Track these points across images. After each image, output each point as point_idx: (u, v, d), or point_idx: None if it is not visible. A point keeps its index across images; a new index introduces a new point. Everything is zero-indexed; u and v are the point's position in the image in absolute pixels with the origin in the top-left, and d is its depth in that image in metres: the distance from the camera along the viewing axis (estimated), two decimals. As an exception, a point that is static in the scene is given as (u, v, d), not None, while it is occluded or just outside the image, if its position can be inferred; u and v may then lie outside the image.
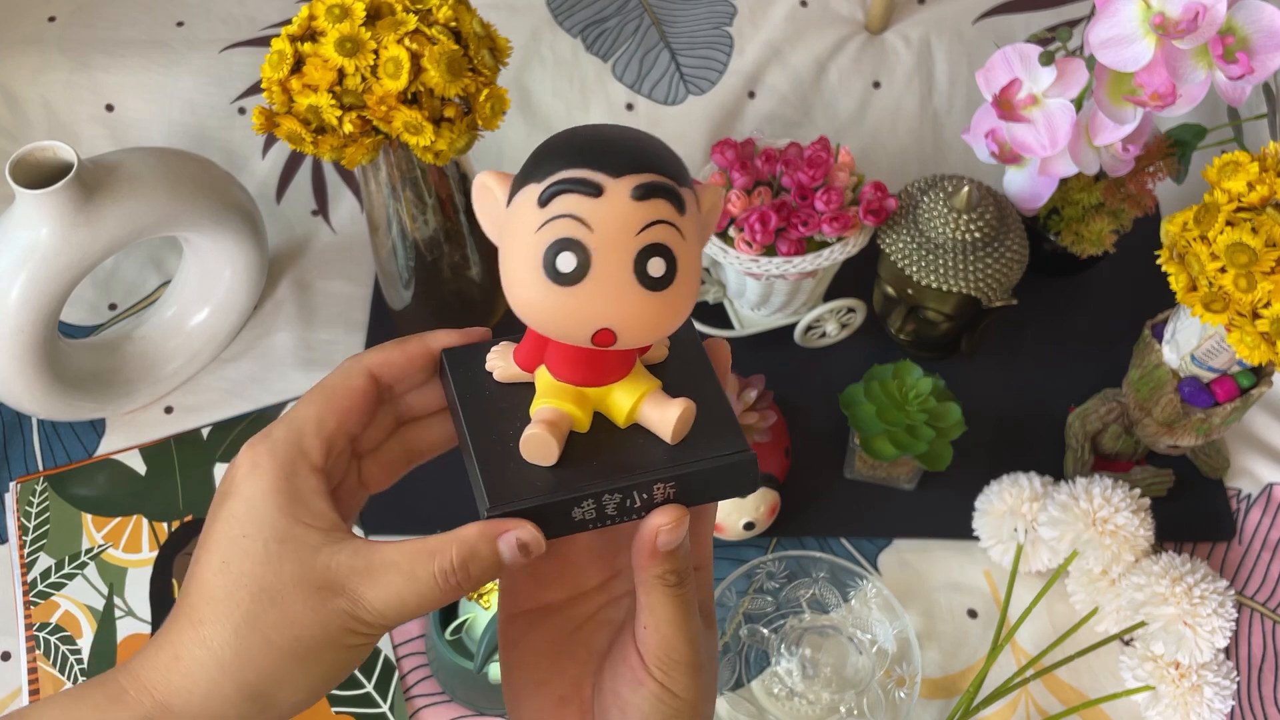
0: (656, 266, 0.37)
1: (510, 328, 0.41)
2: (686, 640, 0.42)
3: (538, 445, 0.40)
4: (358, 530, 0.87)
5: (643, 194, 0.36)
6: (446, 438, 0.46)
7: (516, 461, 0.40)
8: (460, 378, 0.43)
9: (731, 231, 0.86)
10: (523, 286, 0.37)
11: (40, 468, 0.92)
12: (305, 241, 1.04)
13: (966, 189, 0.84)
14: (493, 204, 0.39)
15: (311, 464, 0.41)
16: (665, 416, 0.41)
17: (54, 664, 0.82)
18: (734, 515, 0.83)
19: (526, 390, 0.42)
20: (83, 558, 0.86)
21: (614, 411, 0.42)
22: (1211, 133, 0.92)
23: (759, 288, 0.90)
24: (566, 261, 0.36)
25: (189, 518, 0.88)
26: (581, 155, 0.37)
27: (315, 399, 0.42)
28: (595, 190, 0.36)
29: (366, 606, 0.39)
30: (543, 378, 0.42)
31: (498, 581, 0.71)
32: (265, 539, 0.39)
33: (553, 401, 0.41)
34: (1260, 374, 0.80)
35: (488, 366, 0.43)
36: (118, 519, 0.88)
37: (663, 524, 0.40)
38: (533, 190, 0.37)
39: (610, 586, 0.47)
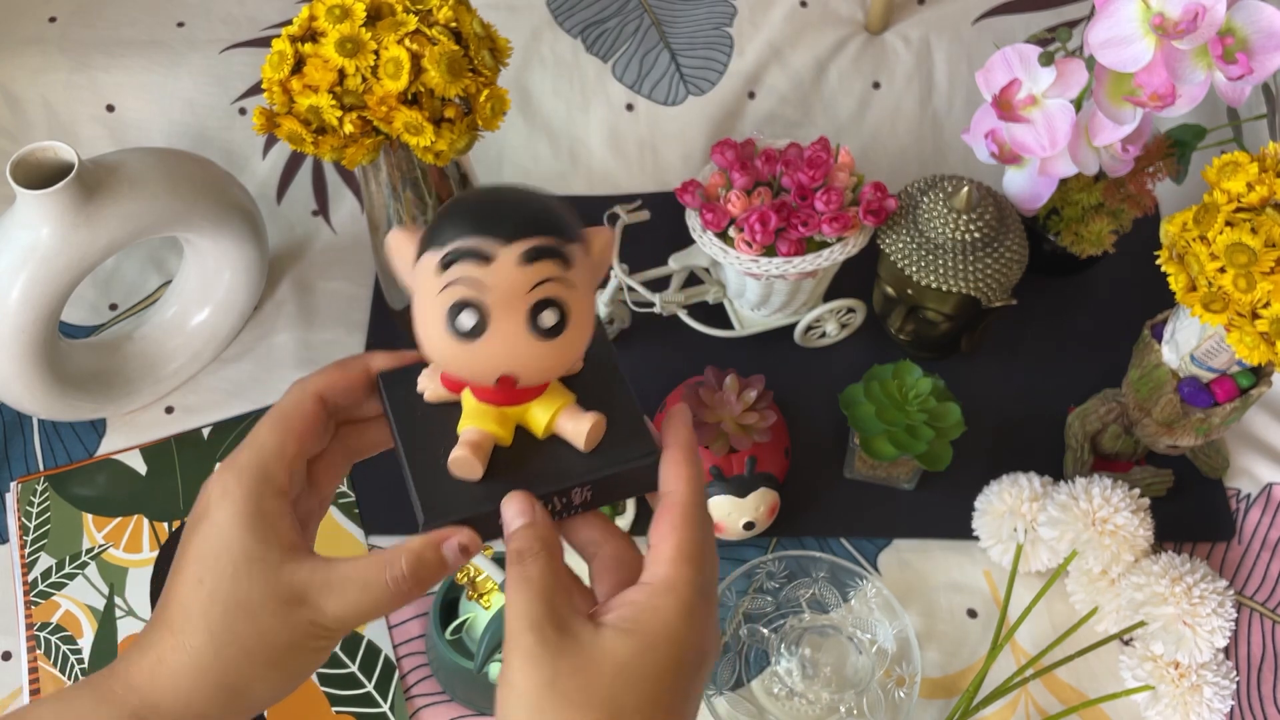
0: (548, 318, 0.41)
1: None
2: (514, 615, 0.41)
3: (464, 466, 0.44)
4: (357, 530, 0.88)
5: (531, 257, 0.41)
6: (385, 439, 0.49)
7: (447, 475, 0.45)
8: (395, 398, 0.47)
9: (731, 231, 0.86)
10: (432, 341, 0.42)
11: (41, 467, 0.92)
12: (305, 242, 1.04)
13: (966, 189, 0.84)
14: (403, 262, 0.43)
15: (276, 489, 0.44)
16: (578, 428, 0.45)
17: (55, 664, 0.82)
18: (734, 515, 0.83)
19: (455, 408, 0.46)
20: (83, 557, 0.86)
21: (533, 425, 0.46)
22: (1211, 133, 0.92)
23: (759, 288, 0.90)
24: (467, 320, 0.41)
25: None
26: (475, 223, 0.41)
27: (275, 426, 0.46)
28: (487, 258, 0.40)
29: (328, 615, 0.43)
30: (468, 399, 0.46)
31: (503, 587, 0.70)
32: (235, 560, 0.43)
33: (477, 422, 0.45)
34: (1260, 374, 0.80)
35: (419, 388, 0.47)
36: (118, 519, 0.88)
37: (506, 506, 0.44)
38: (433, 255, 0.41)
39: None
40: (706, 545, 0.44)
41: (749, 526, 0.84)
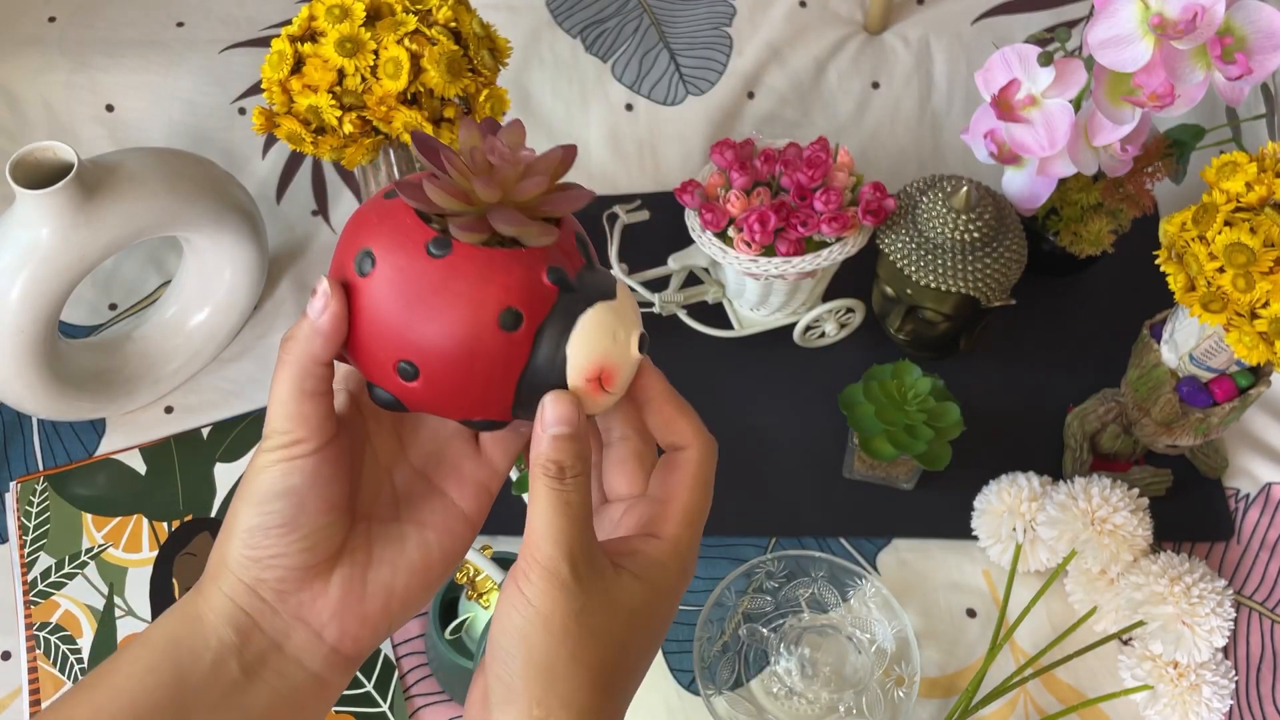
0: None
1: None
2: (551, 541, 0.40)
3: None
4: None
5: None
6: None
7: None
8: None
9: (731, 231, 0.86)
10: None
11: (40, 467, 0.92)
12: (305, 241, 1.04)
13: (965, 189, 0.84)
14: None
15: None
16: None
17: (54, 664, 0.82)
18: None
19: None
20: (83, 557, 0.86)
21: None
22: (1210, 133, 0.93)
23: (758, 288, 0.90)
24: None
25: (189, 517, 0.88)
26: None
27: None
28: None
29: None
30: None
31: (499, 583, 0.71)
32: None
33: None
34: (1258, 374, 0.80)
35: None
36: (118, 519, 0.88)
37: (550, 404, 0.41)
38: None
39: None
40: (708, 506, 0.45)
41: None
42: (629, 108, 1.10)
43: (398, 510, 0.45)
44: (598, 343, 0.40)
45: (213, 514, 0.89)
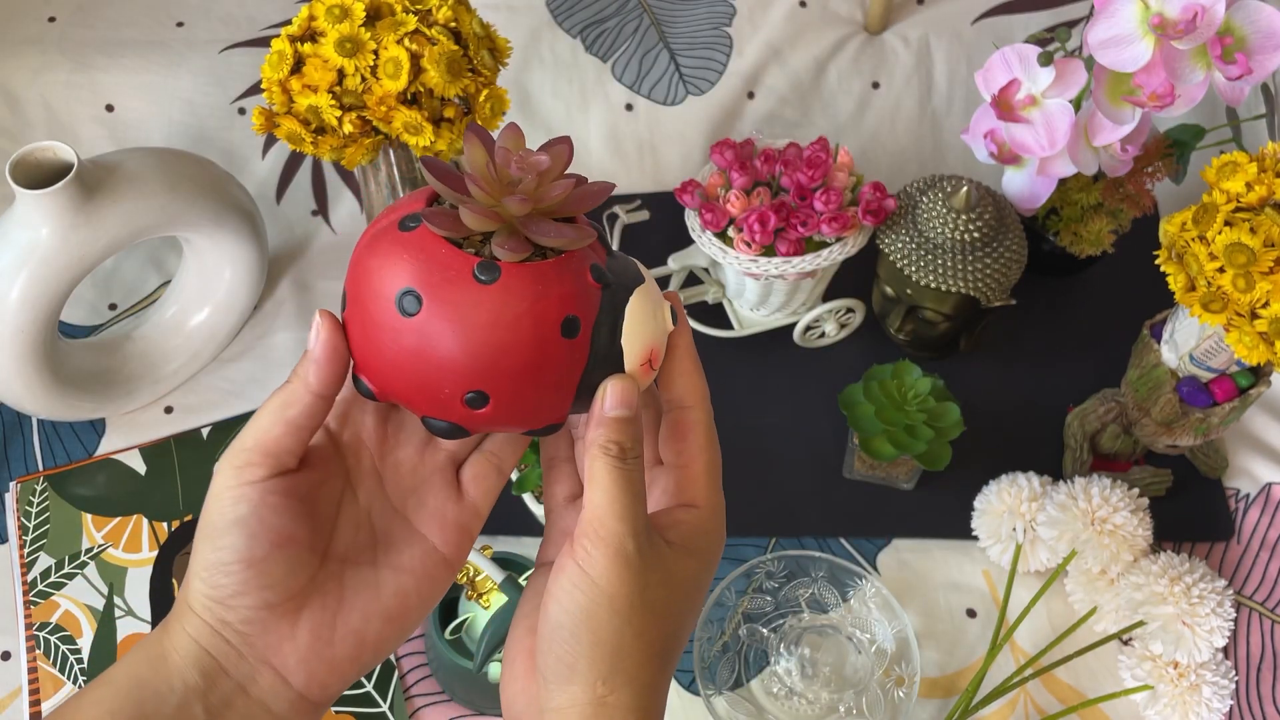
0: None
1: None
2: (617, 518, 0.40)
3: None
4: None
5: None
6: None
7: None
8: None
9: (731, 232, 0.86)
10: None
11: (40, 467, 0.92)
12: (305, 241, 1.04)
13: (965, 189, 0.84)
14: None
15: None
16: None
17: (54, 664, 0.82)
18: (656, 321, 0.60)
19: None
20: (83, 557, 0.86)
21: None
22: (1210, 133, 0.93)
23: (758, 288, 0.90)
24: None
25: (189, 517, 0.88)
26: None
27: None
28: None
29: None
30: None
31: (498, 581, 0.70)
32: None
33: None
34: (1259, 374, 0.80)
35: None
36: (118, 519, 0.88)
37: (610, 388, 0.42)
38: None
39: None
40: (721, 462, 0.46)
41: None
42: (629, 108, 1.10)
43: (375, 554, 0.45)
44: (645, 328, 0.41)
45: (213, 514, 0.89)
